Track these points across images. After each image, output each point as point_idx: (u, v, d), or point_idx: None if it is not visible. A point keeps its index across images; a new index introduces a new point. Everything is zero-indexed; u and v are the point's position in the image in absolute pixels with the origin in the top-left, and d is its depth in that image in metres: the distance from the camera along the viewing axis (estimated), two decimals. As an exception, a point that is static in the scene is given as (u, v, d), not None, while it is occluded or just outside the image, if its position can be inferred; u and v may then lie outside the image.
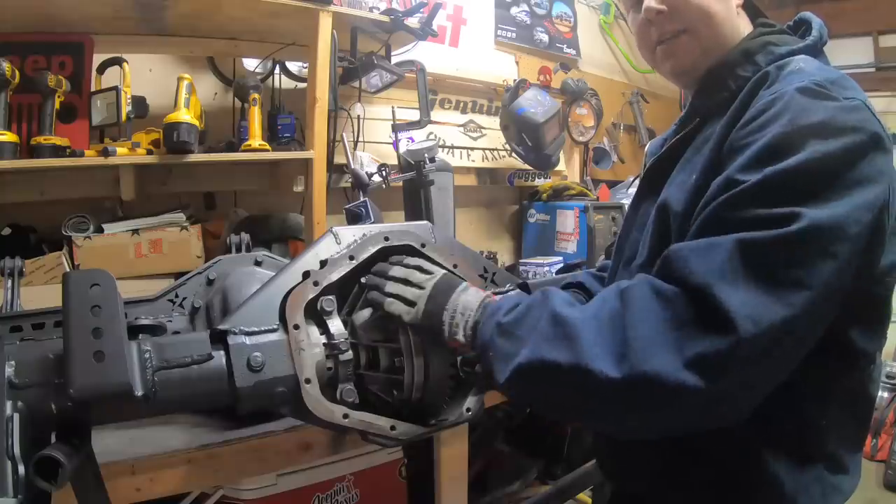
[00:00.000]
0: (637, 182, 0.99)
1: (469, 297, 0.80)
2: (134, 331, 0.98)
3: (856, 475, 0.81)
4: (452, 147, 2.60)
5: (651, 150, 1.04)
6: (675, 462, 0.80)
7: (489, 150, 2.73)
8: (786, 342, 0.63)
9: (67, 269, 1.61)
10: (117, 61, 1.64)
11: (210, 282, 1.11)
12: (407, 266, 0.85)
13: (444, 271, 0.86)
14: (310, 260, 0.88)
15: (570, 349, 0.66)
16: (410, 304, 0.81)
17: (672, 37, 0.84)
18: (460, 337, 0.78)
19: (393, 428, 0.85)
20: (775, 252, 0.63)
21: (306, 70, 1.93)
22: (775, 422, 0.73)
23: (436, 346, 0.83)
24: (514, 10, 2.86)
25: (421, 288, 0.82)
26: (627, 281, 0.70)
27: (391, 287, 0.83)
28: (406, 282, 0.83)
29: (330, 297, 0.85)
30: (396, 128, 2.16)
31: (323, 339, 0.83)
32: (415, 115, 2.18)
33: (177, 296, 1.09)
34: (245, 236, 1.23)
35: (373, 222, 1.60)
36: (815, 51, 0.81)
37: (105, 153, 1.54)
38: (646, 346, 0.63)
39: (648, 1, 0.82)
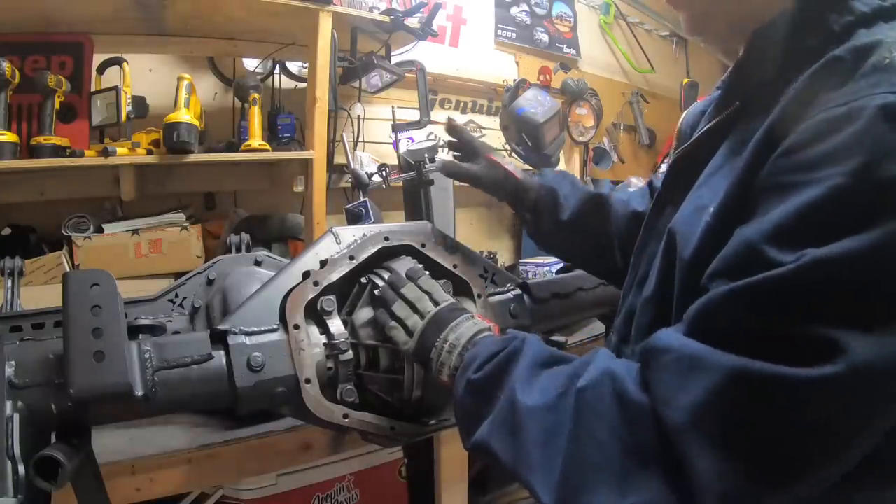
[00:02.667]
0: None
1: (460, 334, 0.72)
2: (134, 331, 0.98)
3: None
4: (452, 147, 2.61)
5: (684, 128, 0.80)
6: None
7: (489, 150, 2.73)
8: None
9: (67, 269, 1.61)
10: (117, 61, 1.65)
11: (210, 282, 1.11)
12: (420, 289, 0.80)
13: (449, 302, 0.79)
14: (310, 260, 0.88)
15: (512, 448, 0.56)
16: (409, 333, 0.77)
17: None
18: (445, 377, 0.72)
19: (393, 428, 0.85)
20: (787, 403, 0.42)
21: (306, 70, 1.93)
22: None
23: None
24: (514, 10, 2.86)
25: (422, 318, 0.77)
26: (590, 371, 0.54)
27: (398, 309, 0.79)
28: (414, 307, 0.78)
29: (330, 297, 0.85)
30: (396, 128, 2.16)
31: (323, 339, 0.83)
32: (415, 115, 2.18)
33: (177, 296, 1.09)
34: (245, 236, 1.23)
35: (373, 222, 1.60)
36: None
37: (105, 153, 1.54)
38: (586, 475, 0.49)
39: None
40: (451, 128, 1.04)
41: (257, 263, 1.16)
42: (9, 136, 1.46)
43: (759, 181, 0.50)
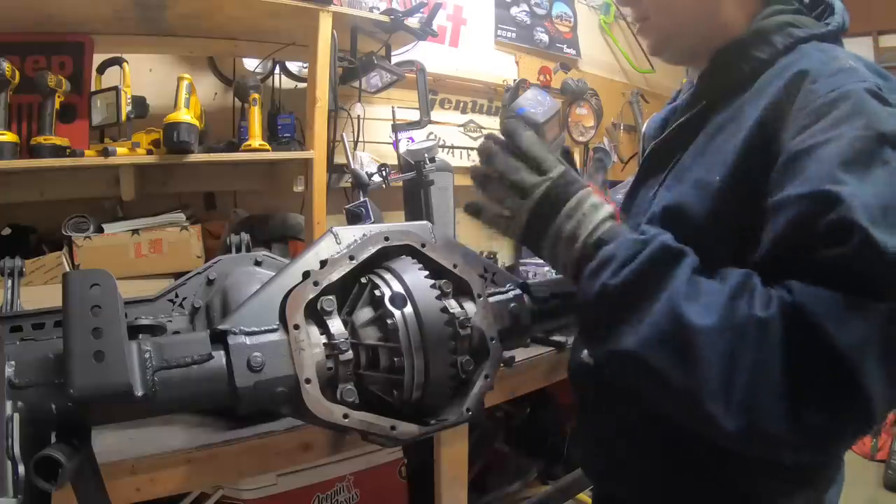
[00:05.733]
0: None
1: (580, 220, 0.67)
2: (134, 331, 0.98)
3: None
4: (452, 147, 2.61)
5: (649, 132, 0.97)
6: (665, 466, 0.77)
7: (489, 150, 2.73)
8: None
9: (67, 269, 1.61)
10: (117, 61, 1.65)
11: (210, 282, 1.11)
12: (516, 157, 0.73)
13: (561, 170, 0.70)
14: (310, 260, 0.88)
15: (685, 371, 0.56)
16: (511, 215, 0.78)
17: (638, 20, 0.83)
18: (562, 269, 0.70)
19: (393, 428, 0.84)
20: None
21: (306, 70, 1.93)
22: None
23: (438, 345, 0.83)
24: (514, 10, 2.86)
25: (528, 196, 0.73)
26: (763, 299, 0.57)
27: (496, 188, 0.78)
28: (514, 185, 0.75)
29: (330, 297, 0.85)
30: (396, 128, 2.16)
31: (323, 339, 0.83)
32: (415, 115, 2.18)
33: (177, 296, 1.09)
34: (245, 236, 1.23)
35: (373, 222, 1.60)
36: (836, 38, 0.75)
37: (105, 153, 1.54)
38: (770, 401, 0.54)
39: None
40: None
41: (257, 263, 1.16)
42: (9, 136, 1.46)
43: (783, 156, 0.62)
